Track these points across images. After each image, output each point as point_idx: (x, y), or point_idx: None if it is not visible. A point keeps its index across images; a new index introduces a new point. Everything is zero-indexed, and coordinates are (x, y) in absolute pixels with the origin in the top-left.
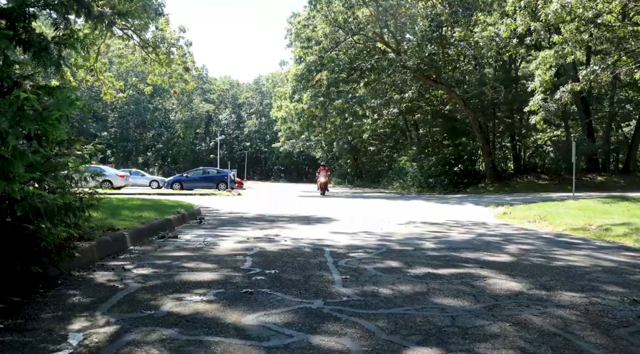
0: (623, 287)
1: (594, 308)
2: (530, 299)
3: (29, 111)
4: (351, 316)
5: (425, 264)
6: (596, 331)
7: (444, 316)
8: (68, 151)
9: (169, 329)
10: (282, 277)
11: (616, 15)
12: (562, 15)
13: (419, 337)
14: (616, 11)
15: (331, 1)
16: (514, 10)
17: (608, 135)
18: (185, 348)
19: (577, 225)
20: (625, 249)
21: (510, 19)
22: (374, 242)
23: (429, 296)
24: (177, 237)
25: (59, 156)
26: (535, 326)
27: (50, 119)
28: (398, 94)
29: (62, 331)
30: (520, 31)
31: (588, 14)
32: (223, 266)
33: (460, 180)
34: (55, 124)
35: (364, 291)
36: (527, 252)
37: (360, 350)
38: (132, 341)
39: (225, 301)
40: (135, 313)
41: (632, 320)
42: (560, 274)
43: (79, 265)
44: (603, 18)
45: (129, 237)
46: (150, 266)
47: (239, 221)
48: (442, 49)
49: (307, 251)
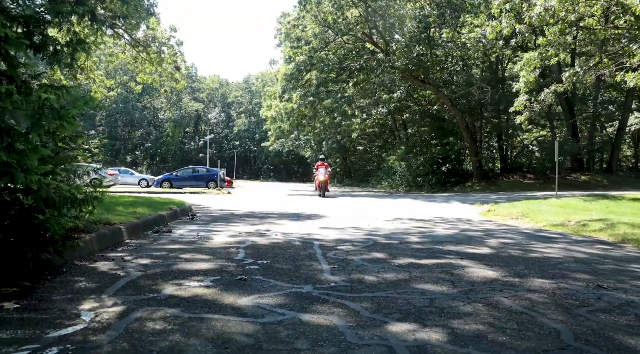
0: (591, 275)
1: (560, 292)
2: (503, 285)
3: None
4: (338, 299)
5: (409, 255)
6: (559, 310)
7: (424, 299)
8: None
9: (172, 309)
10: (274, 266)
11: (598, 18)
12: (545, 18)
13: (399, 315)
14: (598, 14)
15: (321, 2)
16: (499, 12)
17: (592, 135)
18: (188, 324)
19: (557, 221)
20: (600, 243)
21: (496, 21)
22: (362, 236)
23: (410, 283)
24: (171, 232)
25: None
26: (505, 306)
27: (68, 117)
28: (387, 94)
29: (74, 310)
30: (506, 34)
31: (571, 18)
32: (218, 257)
33: (448, 179)
34: (72, 121)
35: (351, 279)
36: (506, 246)
37: (346, 326)
38: (140, 318)
39: (222, 286)
40: (139, 296)
41: (592, 302)
42: (534, 264)
43: (81, 256)
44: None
45: (126, 231)
46: (149, 257)
47: (230, 218)
48: (431, 50)
49: (297, 244)
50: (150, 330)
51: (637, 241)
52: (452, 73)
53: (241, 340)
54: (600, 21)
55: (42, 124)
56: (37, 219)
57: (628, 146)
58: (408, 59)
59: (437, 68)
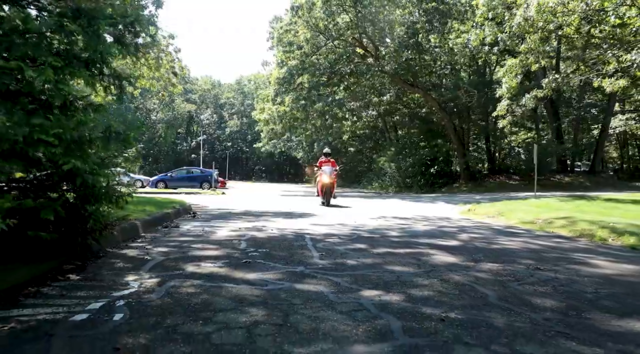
0: (535, 260)
1: (503, 272)
2: (459, 267)
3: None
4: (324, 275)
5: (386, 246)
6: (495, 283)
7: (392, 275)
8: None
9: (196, 280)
10: (272, 253)
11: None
12: (525, 27)
13: (370, 285)
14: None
15: (312, 8)
16: (483, 21)
17: (576, 137)
18: (210, 289)
19: (527, 219)
20: (558, 237)
21: (480, 29)
22: (347, 231)
23: (383, 265)
24: (178, 227)
25: (111, 157)
26: (454, 280)
27: (128, 139)
28: (377, 97)
29: (122, 280)
30: (489, 41)
31: (550, 27)
32: (223, 246)
33: (436, 180)
34: (131, 142)
35: (335, 262)
36: (474, 239)
37: (329, 291)
38: (174, 285)
39: (231, 266)
40: (168, 272)
41: (525, 278)
42: (492, 253)
43: (110, 244)
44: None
45: (141, 226)
46: (165, 246)
47: (228, 216)
48: (419, 55)
49: (290, 237)
50: (184, 292)
51: (591, 235)
52: (441, 76)
53: (252, 298)
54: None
55: (110, 145)
56: (87, 212)
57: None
58: (397, 63)
59: (426, 71)
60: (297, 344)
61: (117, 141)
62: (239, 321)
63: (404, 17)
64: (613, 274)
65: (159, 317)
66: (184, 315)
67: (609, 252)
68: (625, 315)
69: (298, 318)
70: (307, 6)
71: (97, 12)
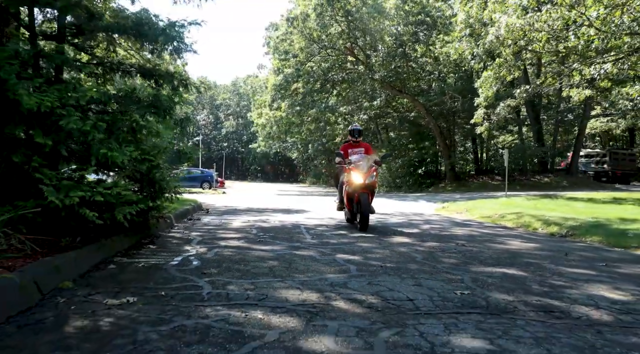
0: (466, 241)
1: (438, 247)
2: (408, 244)
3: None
4: (313, 247)
5: (362, 233)
6: (426, 253)
7: (359, 248)
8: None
9: (230, 249)
10: (277, 236)
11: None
12: (497, 44)
13: (342, 252)
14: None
15: (306, 19)
16: (461, 36)
17: (555, 140)
18: (241, 252)
19: (486, 214)
20: (501, 228)
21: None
22: (334, 223)
23: (355, 243)
24: (199, 219)
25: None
26: (399, 251)
27: (191, 157)
28: (368, 102)
29: (183, 249)
30: (466, 55)
31: (521, 42)
32: (240, 232)
33: (424, 180)
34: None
35: (322, 241)
36: (432, 228)
37: (315, 255)
38: (217, 251)
39: (250, 242)
40: (209, 245)
41: (450, 250)
42: (439, 237)
43: (160, 230)
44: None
45: (174, 218)
46: (198, 231)
47: (235, 212)
48: (407, 63)
49: (289, 226)
50: (225, 254)
51: (527, 226)
52: (430, 81)
53: (268, 257)
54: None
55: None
56: (154, 203)
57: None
58: (386, 70)
59: (413, 78)
60: (297, 273)
61: (184, 158)
62: (263, 265)
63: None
64: (513, 249)
65: (218, 263)
66: (231, 262)
67: (529, 237)
68: (494, 265)
69: (297, 264)
70: (302, 17)
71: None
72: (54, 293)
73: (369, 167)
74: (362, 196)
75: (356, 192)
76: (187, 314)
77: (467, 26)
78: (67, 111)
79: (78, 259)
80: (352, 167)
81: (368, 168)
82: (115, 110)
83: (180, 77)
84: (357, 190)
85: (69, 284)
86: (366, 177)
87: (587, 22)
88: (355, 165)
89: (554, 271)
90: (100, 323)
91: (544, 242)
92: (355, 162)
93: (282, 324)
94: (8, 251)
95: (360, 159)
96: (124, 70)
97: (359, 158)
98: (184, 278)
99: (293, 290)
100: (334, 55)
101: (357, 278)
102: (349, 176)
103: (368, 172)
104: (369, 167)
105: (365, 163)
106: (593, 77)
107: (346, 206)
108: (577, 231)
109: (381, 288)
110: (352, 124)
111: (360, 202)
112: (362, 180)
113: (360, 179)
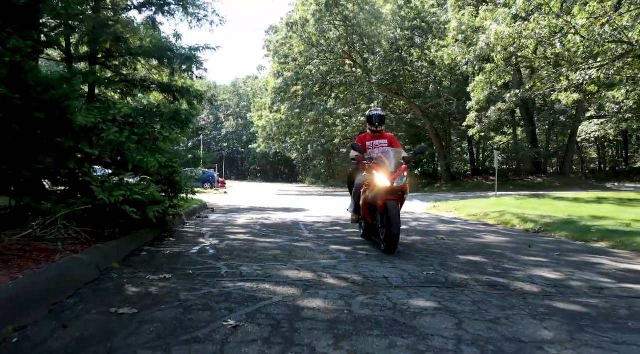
0: (447, 236)
1: (420, 240)
2: None
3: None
4: (310, 240)
5: (354, 228)
6: (408, 244)
7: (350, 241)
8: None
9: (238, 241)
10: (278, 231)
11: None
12: (487, 51)
13: (335, 244)
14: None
15: (305, 24)
16: (454, 42)
17: (548, 141)
18: (248, 244)
19: (473, 213)
20: (483, 225)
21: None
22: (329, 220)
23: (347, 237)
24: (207, 217)
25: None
26: None
27: (206, 162)
28: (366, 104)
29: (198, 241)
30: (459, 60)
31: (511, 49)
32: (245, 228)
33: (420, 181)
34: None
35: (317, 235)
36: (420, 226)
37: (312, 246)
38: (228, 243)
39: (255, 236)
40: (220, 238)
41: (430, 243)
42: (424, 232)
43: (174, 226)
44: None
45: (185, 215)
46: (208, 227)
47: (239, 210)
48: (403, 67)
49: (289, 223)
50: (235, 245)
51: (507, 223)
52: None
53: (271, 247)
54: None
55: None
56: (172, 202)
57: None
58: (383, 74)
59: (410, 81)
60: (296, 259)
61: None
62: (267, 253)
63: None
64: (486, 242)
65: (230, 252)
66: (241, 251)
67: (505, 233)
68: (463, 255)
69: (296, 253)
70: (301, 22)
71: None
72: (107, 271)
73: (398, 165)
74: (389, 204)
75: (380, 200)
76: (212, 285)
77: (459, 33)
78: (106, 125)
79: (119, 247)
80: (374, 164)
81: (396, 166)
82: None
83: (195, 92)
84: (382, 196)
85: (116, 265)
86: (394, 179)
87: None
88: (379, 162)
89: (512, 258)
90: (150, 289)
91: (516, 237)
92: (378, 158)
93: (284, 292)
94: (68, 239)
95: (385, 153)
96: (144, 85)
97: (384, 153)
98: (204, 262)
99: (293, 271)
100: (332, 59)
101: (345, 263)
102: (369, 177)
103: (397, 172)
104: (398, 165)
105: (392, 159)
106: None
107: (364, 217)
108: (549, 228)
109: (364, 270)
110: (371, 109)
111: (386, 213)
112: (388, 183)
113: (386, 182)
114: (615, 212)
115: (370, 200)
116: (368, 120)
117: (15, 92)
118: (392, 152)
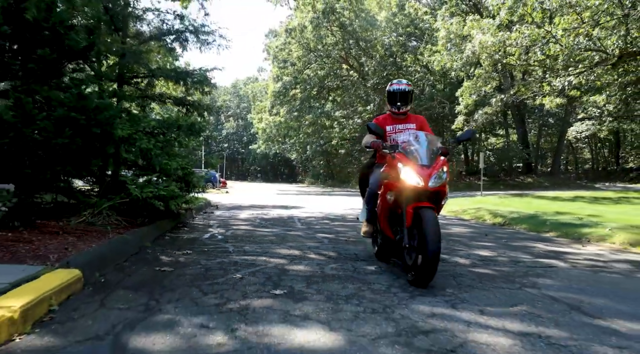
0: None
1: None
2: None
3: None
4: (301, 230)
5: (342, 221)
6: None
7: (334, 230)
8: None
9: (241, 230)
10: (275, 223)
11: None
12: (473, 59)
13: (322, 233)
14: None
15: (304, 30)
16: (443, 49)
17: (538, 142)
18: (249, 232)
19: (454, 210)
20: (458, 219)
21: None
22: (321, 216)
23: (334, 228)
24: (213, 213)
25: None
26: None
27: (215, 164)
28: (362, 106)
29: (208, 230)
30: (448, 67)
31: (496, 56)
32: (247, 221)
33: None
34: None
35: (309, 227)
36: None
37: (303, 234)
38: (232, 232)
39: (255, 227)
40: (225, 228)
41: None
42: None
43: (186, 219)
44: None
45: (194, 211)
46: (215, 220)
47: (240, 208)
48: (397, 70)
49: (285, 218)
50: (239, 233)
51: (479, 218)
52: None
53: (268, 235)
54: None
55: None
56: (186, 197)
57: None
58: (378, 77)
59: None
60: (288, 242)
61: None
62: (265, 238)
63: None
64: (452, 232)
65: (235, 237)
66: (244, 237)
67: (474, 226)
68: None
69: (289, 238)
70: (300, 28)
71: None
72: (143, 248)
73: (434, 157)
74: (424, 214)
75: (409, 206)
76: (223, 257)
77: (447, 41)
78: (138, 135)
79: (149, 232)
80: (399, 154)
81: (431, 159)
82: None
83: (206, 106)
84: (412, 201)
85: (149, 244)
86: (430, 176)
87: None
88: (406, 151)
89: (465, 243)
90: (179, 259)
91: (480, 229)
92: (405, 146)
93: (276, 261)
94: (112, 224)
95: (416, 139)
96: (162, 100)
97: (413, 138)
98: (215, 243)
99: (284, 250)
100: (329, 64)
101: (326, 245)
102: (392, 172)
103: (435, 165)
104: (433, 156)
105: (426, 149)
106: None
107: (382, 230)
108: (513, 221)
109: (340, 250)
110: (392, 82)
111: (419, 226)
112: (421, 181)
113: (417, 180)
114: (579, 209)
115: (392, 206)
116: (388, 98)
117: (81, 115)
118: (426, 137)
